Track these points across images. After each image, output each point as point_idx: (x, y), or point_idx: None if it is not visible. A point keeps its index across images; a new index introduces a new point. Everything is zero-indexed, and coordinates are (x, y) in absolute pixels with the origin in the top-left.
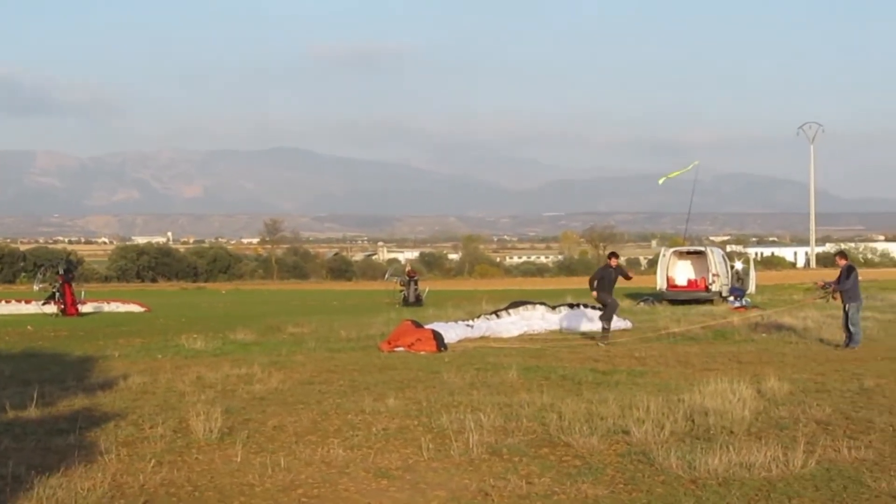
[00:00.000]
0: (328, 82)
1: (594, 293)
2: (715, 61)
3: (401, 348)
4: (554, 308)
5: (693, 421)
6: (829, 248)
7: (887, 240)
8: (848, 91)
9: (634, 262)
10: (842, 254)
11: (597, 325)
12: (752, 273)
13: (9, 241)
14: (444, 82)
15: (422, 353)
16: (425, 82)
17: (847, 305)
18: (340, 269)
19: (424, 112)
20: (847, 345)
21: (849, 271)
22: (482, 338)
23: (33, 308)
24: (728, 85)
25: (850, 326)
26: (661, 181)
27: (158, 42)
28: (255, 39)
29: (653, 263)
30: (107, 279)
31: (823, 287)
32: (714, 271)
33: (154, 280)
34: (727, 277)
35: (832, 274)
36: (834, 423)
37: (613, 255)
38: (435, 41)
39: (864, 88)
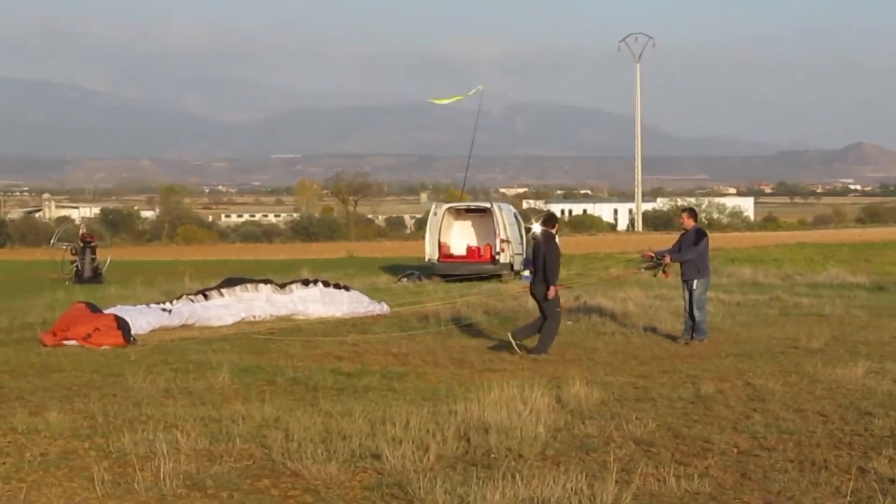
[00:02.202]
0: None
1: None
2: None
3: (72, 341)
4: (283, 287)
5: (469, 441)
6: (662, 204)
7: (739, 193)
8: None
9: (398, 223)
10: (690, 212)
11: (342, 310)
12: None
13: None
14: None
15: (103, 347)
16: None
17: (693, 283)
18: None
19: (98, 15)
20: (688, 337)
21: (697, 236)
22: (184, 326)
23: None
24: None
25: (696, 311)
26: (437, 101)
27: None
28: None
29: (421, 225)
30: None
31: (653, 259)
32: (503, 236)
33: None
34: (521, 244)
35: (665, 240)
36: (658, 444)
37: (547, 218)
38: None
39: None
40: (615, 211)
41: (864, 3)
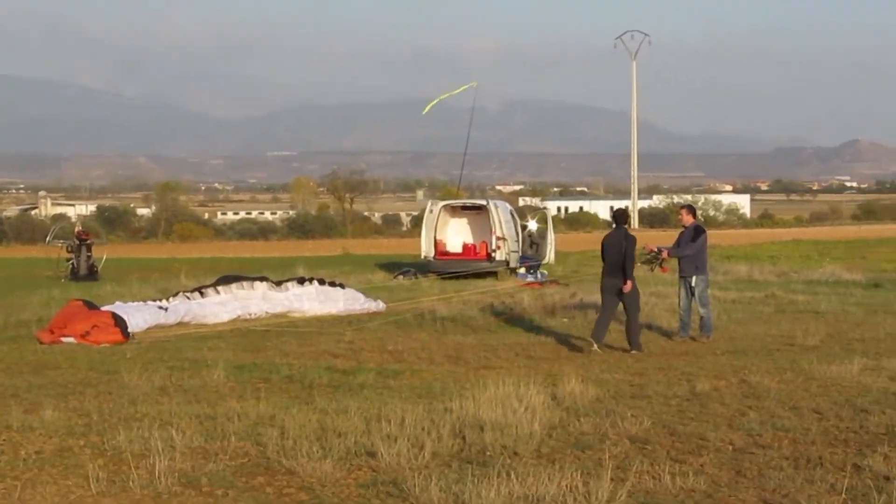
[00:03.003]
0: None
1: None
2: None
3: (70, 339)
4: (279, 284)
5: (464, 438)
6: (658, 201)
7: (735, 190)
8: None
9: (394, 220)
10: (688, 208)
11: (338, 307)
12: (551, 236)
13: None
14: None
15: (102, 344)
16: None
17: (693, 279)
18: None
19: (94, 11)
20: (684, 334)
21: (696, 233)
22: (180, 324)
23: None
24: None
25: (700, 308)
26: (425, 110)
27: None
28: None
29: (417, 222)
30: None
31: (653, 253)
32: (499, 233)
33: None
34: (517, 242)
35: (660, 237)
36: (654, 441)
37: (621, 214)
38: None
39: None
40: (611, 208)
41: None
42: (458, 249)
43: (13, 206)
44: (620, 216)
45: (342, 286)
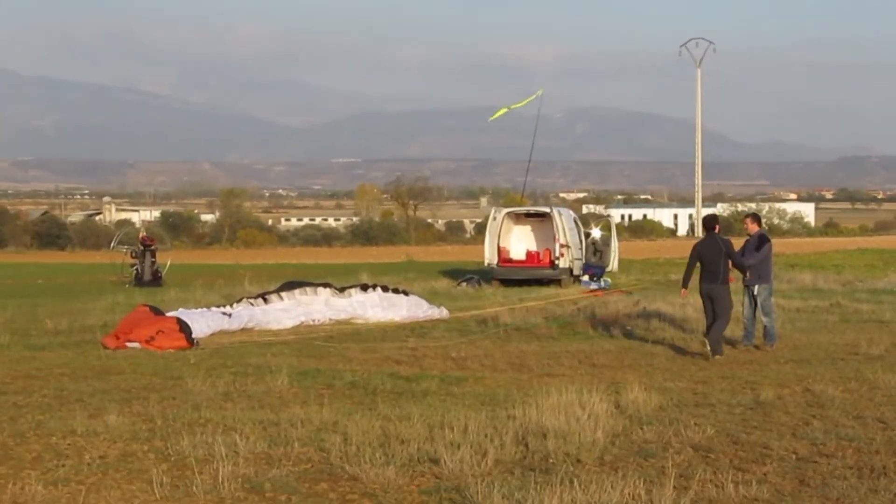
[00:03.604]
0: None
1: (683, 291)
2: None
3: (135, 344)
4: (342, 291)
5: (527, 445)
6: (722, 209)
7: (800, 199)
8: None
9: (458, 227)
10: (753, 217)
11: (401, 314)
12: (615, 243)
13: None
14: None
15: (166, 350)
16: None
17: (755, 288)
18: (50, 235)
19: (160, 18)
20: (748, 342)
21: (760, 241)
22: (243, 330)
23: None
24: None
25: (763, 317)
26: (492, 117)
27: None
28: None
29: (481, 229)
30: None
31: None
32: (563, 241)
33: None
34: (580, 249)
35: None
36: (717, 449)
37: (712, 219)
38: None
39: None
40: (675, 216)
41: None
42: (522, 257)
43: (78, 212)
44: (711, 222)
45: (406, 293)
